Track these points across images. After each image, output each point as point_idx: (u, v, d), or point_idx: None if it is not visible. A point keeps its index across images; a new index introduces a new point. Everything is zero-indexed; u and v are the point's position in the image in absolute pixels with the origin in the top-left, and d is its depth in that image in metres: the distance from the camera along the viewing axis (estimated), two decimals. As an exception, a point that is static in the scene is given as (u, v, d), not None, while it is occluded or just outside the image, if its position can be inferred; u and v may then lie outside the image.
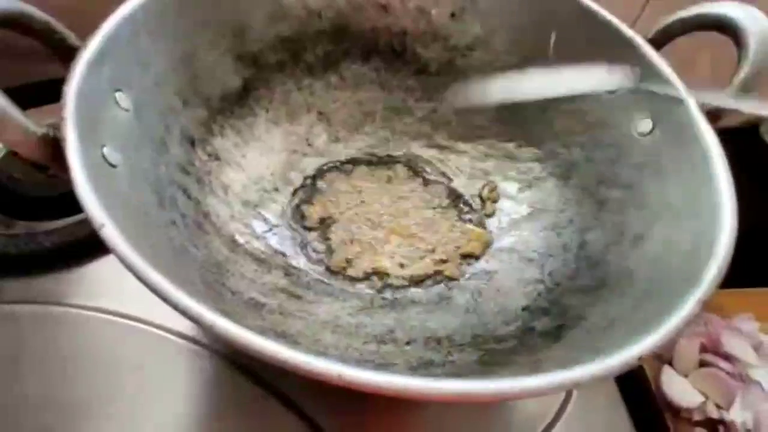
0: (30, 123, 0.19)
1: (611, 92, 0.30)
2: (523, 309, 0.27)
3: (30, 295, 0.31)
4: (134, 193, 0.23)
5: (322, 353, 0.23)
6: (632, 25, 0.30)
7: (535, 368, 0.20)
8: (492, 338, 0.25)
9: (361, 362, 0.23)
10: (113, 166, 0.22)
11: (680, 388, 0.31)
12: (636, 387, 0.31)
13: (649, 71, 0.27)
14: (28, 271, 0.32)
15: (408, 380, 0.14)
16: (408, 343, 0.26)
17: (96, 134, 0.21)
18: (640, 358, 0.16)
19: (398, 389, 0.14)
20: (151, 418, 0.27)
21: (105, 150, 0.22)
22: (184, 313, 0.16)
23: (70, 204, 0.32)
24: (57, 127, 0.19)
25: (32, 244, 0.32)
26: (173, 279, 0.17)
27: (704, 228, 0.21)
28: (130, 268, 0.16)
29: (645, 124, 0.28)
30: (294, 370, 0.15)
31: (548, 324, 0.25)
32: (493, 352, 0.24)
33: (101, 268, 0.32)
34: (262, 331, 0.22)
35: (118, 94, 0.24)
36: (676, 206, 0.24)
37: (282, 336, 0.23)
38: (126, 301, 0.31)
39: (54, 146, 0.19)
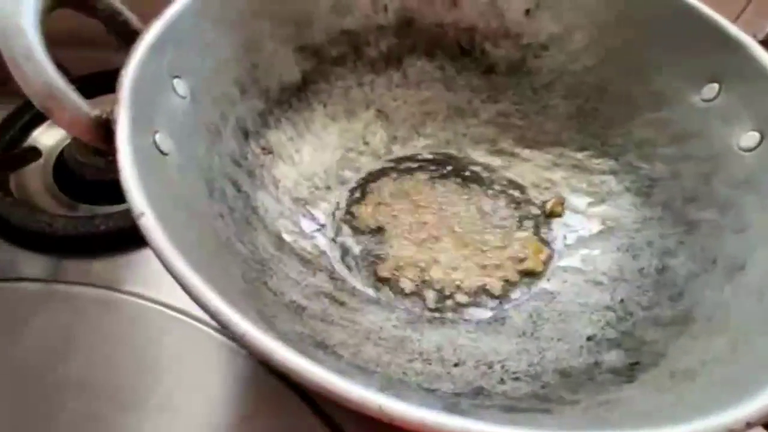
0: (84, 104, 0.18)
1: (708, 100, 0.26)
2: (589, 338, 0.24)
3: (86, 278, 0.31)
4: (183, 182, 0.22)
5: (363, 368, 0.21)
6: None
7: (604, 413, 0.18)
8: (551, 369, 0.23)
9: (403, 384, 0.21)
10: (164, 153, 0.21)
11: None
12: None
13: (758, 76, 0.24)
14: (87, 254, 0.32)
15: (462, 422, 0.12)
16: (456, 365, 0.24)
17: (149, 120, 0.21)
18: (748, 424, 0.13)
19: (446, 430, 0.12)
20: (185, 410, 0.27)
21: (157, 136, 0.21)
22: (214, 316, 0.14)
23: None
24: (112, 110, 0.19)
25: (90, 226, 0.32)
26: (211, 277, 0.16)
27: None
28: (163, 262, 0.15)
29: (750, 138, 0.24)
30: (329, 395, 0.13)
31: (619, 359, 0.22)
32: (551, 386, 0.21)
33: (152, 256, 0.32)
34: (301, 339, 0.21)
35: (176, 81, 0.24)
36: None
37: (321, 346, 0.22)
38: (174, 291, 0.30)
39: (106, 129, 0.18)
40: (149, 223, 0.15)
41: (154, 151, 0.20)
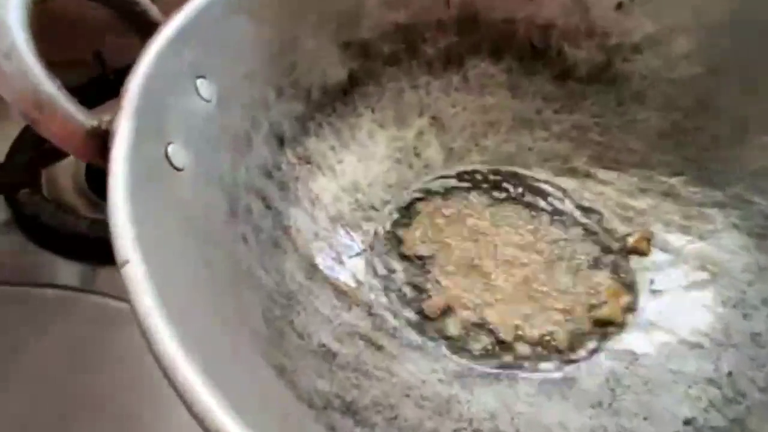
0: (79, 112, 0.15)
1: None
2: (687, 422, 0.19)
3: (116, 289, 0.29)
4: (198, 201, 0.19)
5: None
6: None
7: None
8: (638, 461, 0.18)
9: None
10: (177, 168, 0.18)
11: None
12: None
13: None
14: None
15: None
16: (514, 442, 0.19)
17: (162, 129, 0.18)
18: None
19: None
20: None
21: (170, 148, 0.18)
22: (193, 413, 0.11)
23: None
24: (112, 120, 0.15)
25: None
26: (213, 345, 0.12)
27: None
28: (145, 332, 0.11)
29: None
30: None
31: (732, 462, 0.17)
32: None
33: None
34: (327, 403, 0.17)
35: (199, 81, 0.20)
36: None
37: (350, 411, 0.18)
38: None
39: (105, 142, 0.15)
40: (134, 274, 0.12)
41: (165, 166, 0.17)
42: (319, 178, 0.27)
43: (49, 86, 0.14)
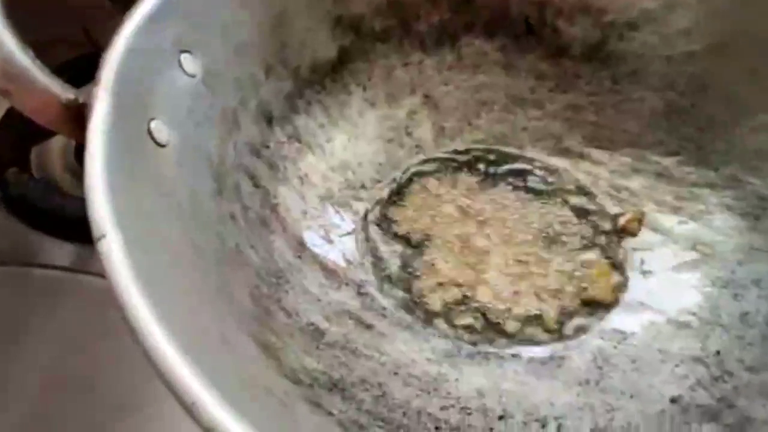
0: (55, 84, 0.15)
1: None
2: (673, 400, 0.19)
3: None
4: (184, 179, 0.18)
5: (386, 420, 0.18)
6: None
7: None
8: (623, 438, 0.18)
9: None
10: (161, 144, 0.18)
11: None
12: None
13: None
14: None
15: None
16: (501, 418, 0.19)
17: (144, 104, 0.17)
18: None
19: None
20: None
21: (153, 124, 0.17)
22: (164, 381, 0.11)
23: None
24: (90, 93, 0.15)
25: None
26: (194, 319, 0.12)
27: None
28: (122, 305, 0.11)
29: None
30: None
31: (716, 439, 0.17)
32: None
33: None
34: (313, 380, 0.17)
35: (184, 56, 0.20)
36: None
37: (337, 388, 0.18)
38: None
39: (82, 117, 0.15)
40: (109, 248, 0.12)
41: (148, 142, 0.17)
42: (308, 156, 0.26)
43: (22, 57, 0.14)
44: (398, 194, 0.27)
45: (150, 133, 0.17)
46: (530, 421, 0.19)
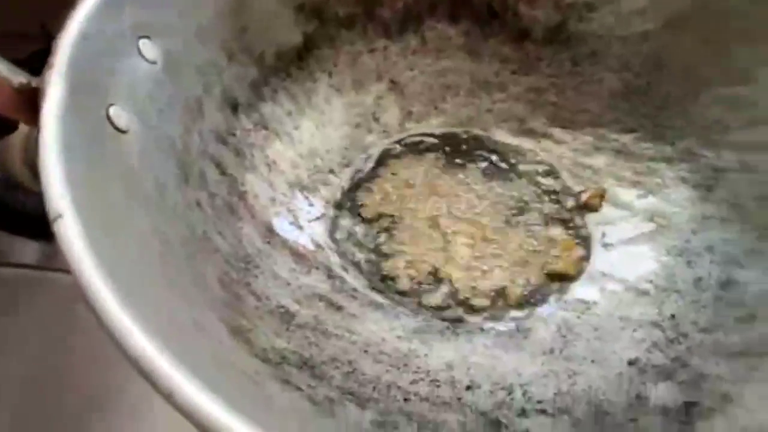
0: (6, 69, 0.15)
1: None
2: (630, 363, 0.20)
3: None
4: (148, 165, 0.18)
5: (356, 395, 0.18)
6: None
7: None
8: (584, 401, 0.19)
9: (402, 415, 0.17)
10: (121, 131, 0.18)
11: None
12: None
13: None
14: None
15: None
16: (469, 388, 0.20)
17: (102, 90, 0.17)
18: None
19: None
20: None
21: (111, 110, 0.17)
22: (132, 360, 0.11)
23: None
24: (43, 77, 0.15)
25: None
26: (158, 304, 0.12)
27: None
28: (83, 289, 0.11)
29: None
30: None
31: (671, 396, 0.18)
32: (583, 425, 0.18)
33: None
34: (282, 358, 0.17)
35: (142, 42, 0.20)
36: None
37: (307, 366, 0.18)
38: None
39: (36, 101, 0.15)
40: (66, 229, 0.12)
41: (107, 128, 0.17)
42: (275, 144, 0.26)
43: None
44: (367, 178, 0.27)
45: (109, 118, 0.17)
46: (497, 390, 0.20)
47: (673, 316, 0.21)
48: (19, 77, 0.15)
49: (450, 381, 0.20)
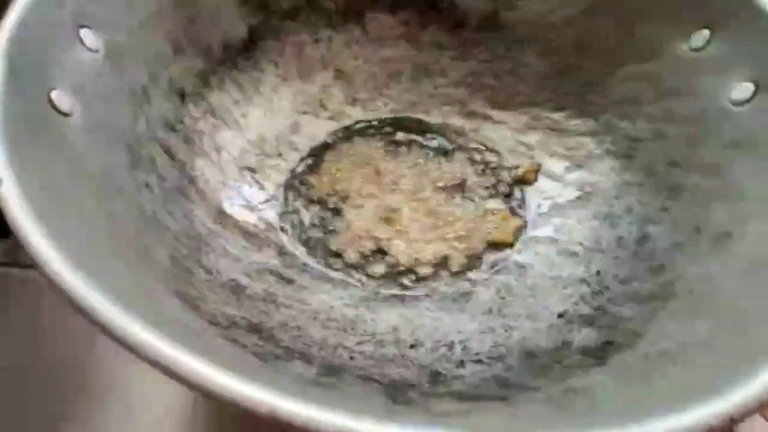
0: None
1: (697, 49, 0.24)
2: (560, 315, 0.22)
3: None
4: (95, 148, 0.19)
5: (302, 353, 0.19)
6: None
7: (564, 402, 0.15)
8: (517, 350, 0.20)
9: (345, 371, 0.19)
10: (64, 114, 0.18)
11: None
12: None
13: (754, 18, 0.21)
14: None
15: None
16: (413, 347, 0.21)
17: (42, 73, 0.18)
18: (732, 420, 0.10)
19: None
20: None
21: (53, 94, 0.18)
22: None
23: None
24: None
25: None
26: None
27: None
28: (21, 239, 0.12)
29: (743, 90, 0.21)
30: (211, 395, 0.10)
31: (591, 338, 0.20)
32: (514, 370, 0.19)
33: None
34: (231, 322, 0.18)
35: (83, 31, 0.20)
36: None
37: (256, 329, 0.19)
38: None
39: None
40: (7, 193, 0.13)
41: (49, 110, 0.17)
42: (224, 131, 0.27)
43: None
44: (315, 161, 0.29)
45: (51, 101, 0.18)
46: (438, 346, 0.21)
47: (598, 272, 0.23)
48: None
49: (395, 341, 0.21)
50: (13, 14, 0.17)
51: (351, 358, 0.20)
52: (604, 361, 0.18)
